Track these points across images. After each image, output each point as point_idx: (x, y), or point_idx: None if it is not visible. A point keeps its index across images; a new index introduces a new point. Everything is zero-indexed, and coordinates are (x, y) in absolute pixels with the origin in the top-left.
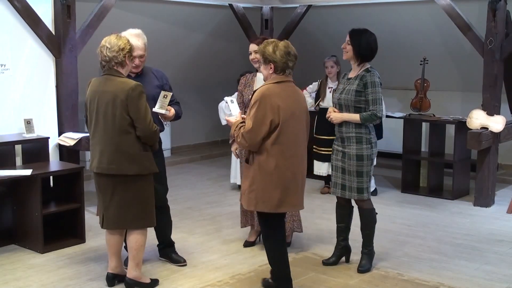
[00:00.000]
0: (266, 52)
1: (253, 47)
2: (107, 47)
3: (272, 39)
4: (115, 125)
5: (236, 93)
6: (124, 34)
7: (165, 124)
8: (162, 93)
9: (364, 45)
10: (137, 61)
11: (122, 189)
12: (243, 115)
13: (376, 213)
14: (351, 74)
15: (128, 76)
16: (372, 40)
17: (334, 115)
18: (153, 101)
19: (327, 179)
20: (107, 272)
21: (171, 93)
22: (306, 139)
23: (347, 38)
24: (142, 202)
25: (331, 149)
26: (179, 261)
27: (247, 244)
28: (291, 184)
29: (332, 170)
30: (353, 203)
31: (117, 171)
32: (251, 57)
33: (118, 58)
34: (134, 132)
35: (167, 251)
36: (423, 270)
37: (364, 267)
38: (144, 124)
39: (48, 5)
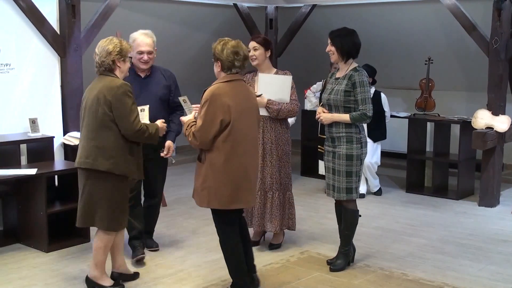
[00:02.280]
0: (215, 50)
1: (252, 44)
2: (96, 53)
3: (227, 38)
4: (97, 120)
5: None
6: (134, 33)
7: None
8: (180, 99)
9: (346, 42)
10: (145, 56)
11: (92, 184)
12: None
13: (360, 216)
14: (339, 74)
15: (138, 76)
16: (353, 37)
17: (324, 116)
18: (160, 100)
19: None
20: (112, 271)
21: (186, 96)
22: (257, 136)
23: (328, 40)
24: (110, 203)
25: None
26: (152, 246)
27: (252, 244)
28: (243, 181)
29: (325, 171)
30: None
31: (91, 165)
32: (250, 54)
33: (105, 63)
34: (117, 129)
35: (145, 237)
36: (427, 270)
37: (338, 266)
38: (127, 123)
39: (53, 5)
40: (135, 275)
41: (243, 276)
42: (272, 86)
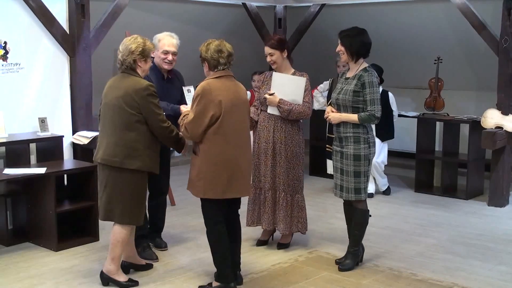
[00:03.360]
0: (201, 52)
1: (267, 50)
2: (119, 50)
3: (211, 39)
4: (124, 120)
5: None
6: (159, 34)
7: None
8: (185, 89)
9: (355, 42)
10: (170, 56)
11: (115, 180)
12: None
13: (370, 216)
14: (349, 74)
15: (161, 77)
16: (363, 36)
17: (332, 115)
18: (178, 104)
19: None
20: (122, 261)
21: (192, 86)
22: (248, 128)
23: (338, 40)
24: (130, 198)
25: None
26: (160, 246)
27: (260, 243)
28: (236, 171)
29: (333, 171)
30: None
31: (120, 164)
32: (267, 59)
33: (127, 62)
34: (141, 128)
35: (154, 235)
36: (436, 270)
37: (346, 266)
38: (157, 121)
39: (62, 5)
40: (149, 266)
41: (227, 266)
42: (285, 86)
